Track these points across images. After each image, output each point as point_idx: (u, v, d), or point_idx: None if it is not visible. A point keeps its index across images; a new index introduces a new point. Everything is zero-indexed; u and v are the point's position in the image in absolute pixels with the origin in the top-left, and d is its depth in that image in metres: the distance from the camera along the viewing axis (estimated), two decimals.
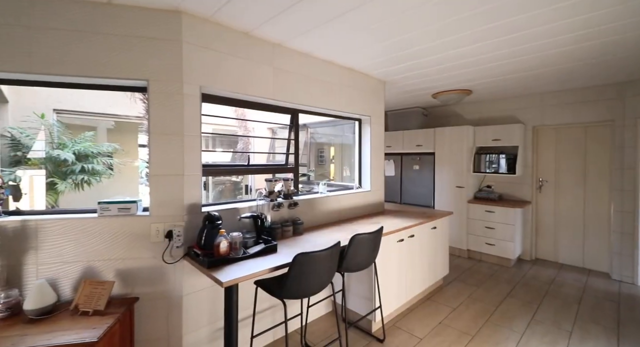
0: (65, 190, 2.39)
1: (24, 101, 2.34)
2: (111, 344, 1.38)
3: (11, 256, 1.53)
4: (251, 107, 2.32)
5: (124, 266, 1.67)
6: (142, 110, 2.84)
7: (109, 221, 1.65)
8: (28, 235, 1.55)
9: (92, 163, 2.60)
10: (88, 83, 1.73)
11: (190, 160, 1.80)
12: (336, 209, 2.73)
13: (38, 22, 1.54)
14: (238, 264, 1.60)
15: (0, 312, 1.38)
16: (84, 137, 2.74)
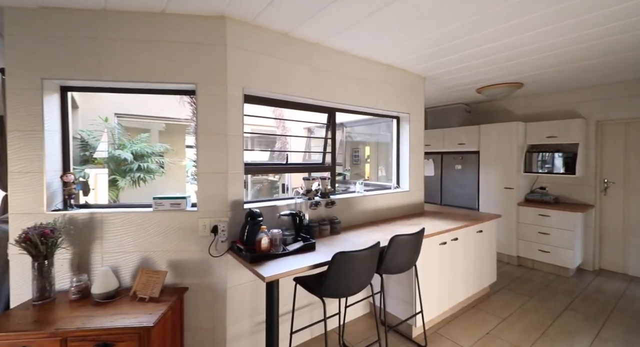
0: (124, 186, 2.65)
1: (91, 106, 2.64)
2: (164, 329, 1.48)
3: (81, 244, 1.71)
4: (289, 107, 2.36)
5: (175, 257, 1.79)
6: (189, 112, 3.04)
7: (162, 215, 1.78)
8: (95, 226, 1.72)
9: (147, 162, 2.84)
10: (145, 88, 1.89)
11: (234, 158, 1.87)
12: (373, 209, 2.67)
13: (104, 34, 1.71)
14: (278, 260, 1.63)
15: (73, 294, 1.55)
16: (140, 138, 3.00)
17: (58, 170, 1.79)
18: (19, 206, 1.68)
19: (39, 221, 1.62)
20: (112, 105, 3.10)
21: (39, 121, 1.69)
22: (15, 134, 1.68)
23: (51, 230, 1.54)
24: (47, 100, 1.72)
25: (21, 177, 1.68)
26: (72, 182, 1.78)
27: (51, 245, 1.54)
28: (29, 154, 1.69)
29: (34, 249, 1.49)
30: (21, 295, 1.65)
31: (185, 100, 3.09)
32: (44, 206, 1.69)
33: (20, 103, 1.67)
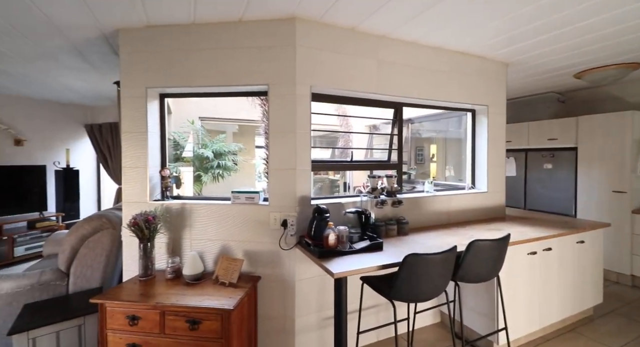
0: (207, 181, 2.99)
1: (180, 111, 3.05)
2: (241, 313, 1.59)
3: (175, 230, 1.96)
4: (354, 103, 2.33)
5: (249, 248, 1.92)
6: (260, 113, 3.25)
7: (239, 207, 1.93)
8: (185, 215, 1.95)
9: (224, 160, 3.15)
10: (225, 91, 2.07)
11: (301, 155, 1.92)
12: (445, 210, 2.47)
13: (192, 46, 1.93)
14: (345, 257, 1.61)
15: (168, 274, 1.78)
16: (218, 138, 3.34)
17: (157, 166, 2.08)
18: (129, 195, 2.01)
19: (144, 209, 1.91)
20: (197, 110, 3.52)
21: (144, 124, 1.99)
22: (127, 135, 2.01)
23: (153, 217, 1.79)
24: (149, 106, 2.01)
25: (131, 171, 2.00)
26: (168, 176, 2.05)
27: (153, 230, 1.79)
28: (136, 152, 2.00)
29: (140, 233, 1.76)
30: (130, 271, 1.97)
31: (256, 103, 3.32)
32: (147, 196, 1.99)
33: (130, 109, 1.99)
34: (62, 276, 2.04)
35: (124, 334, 1.53)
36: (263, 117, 3.32)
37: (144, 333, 1.51)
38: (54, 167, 4.45)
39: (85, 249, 2.10)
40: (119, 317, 1.54)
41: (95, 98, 4.25)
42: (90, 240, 2.12)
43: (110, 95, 4.07)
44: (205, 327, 1.46)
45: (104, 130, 4.62)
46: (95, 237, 2.13)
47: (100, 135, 4.65)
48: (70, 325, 1.72)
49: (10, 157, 4.00)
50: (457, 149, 4.56)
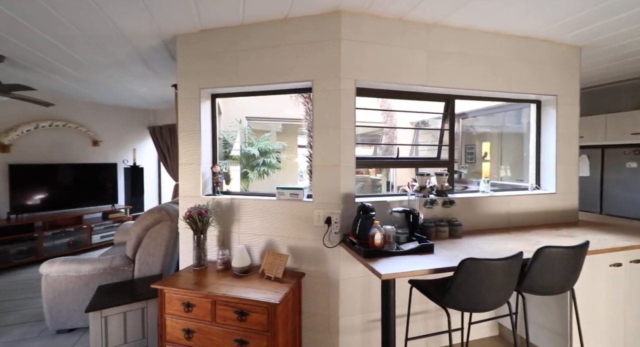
0: (253, 178, 3.11)
1: (229, 112, 3.23)
2: (286, 308, 1.61)
3: (224, 224, 2.05)
4: (401, 97, 2.22)
5: (293, 244, 1.93)
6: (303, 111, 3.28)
7: (284, 203, 1.95)
8: (234, 210, 2.04)
9: (269, 158, 3.25)
10: (271, 89, 2.11)
11: (346, 152, 1.88)
12: (504, 212, 2.23)
13: (240, 47, 2.00)
14: (392, 258, 1.53)
15: (219, 265, 1.87)
16: (264, 137, 3.46)
17: (209, 162, 2.20)
18: (185, 190, 2.15)
19: (197, 203, 2.03)
20: (244, 111, 3.70)
21: (197, 123, 2.11)
22: (183, 134, 2.15)
23: (205, 210, 1.90)
24: (202, 106, 2.14)
25: (186, 167, 2.15)
26: (218, 172, 2.16)
27: (205, 222, 1.90)
28: (191, 149, 2.14)
29: (194, 225, 1.88)
30: (185, 261, 2.11)
31: (299, 101, 3.36)
32: (200, 191, 2.11)
33: (186, 109, 2.14)
34: (128, 262, 2.27)
35: (180, 319, 1.64)
36: (306, 114, 3.36)
37: (198, 320, 1.60)
38: (123, 165, 5.01)
39: (148, 239, 2.31)
40: (175, 303, 1.65)
41: (156, 102, 4.68)
42: (152, 230, 2.32)
43: (169, 99, 4.45)
44: (252, 319, 1.50)
45: (164, 131, 5.06)
46: (156, 228, 2.33)
47: (161, 136, 5.11)
48: (135, 307, 1.90)
49: (89, 156, 4.60)
50: (515, 146, 4.13)
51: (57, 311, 2.10)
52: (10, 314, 2.43)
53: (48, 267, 2.09)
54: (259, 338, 1.50)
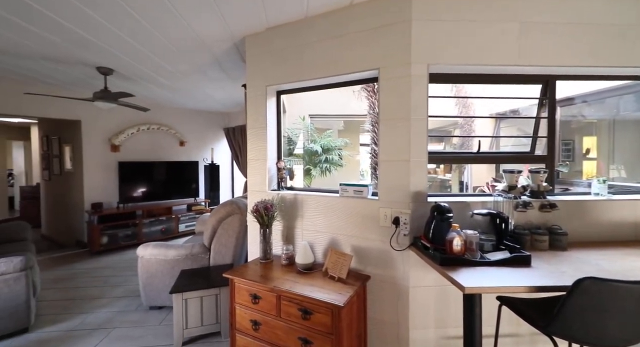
0: (316, 175, 3.12)
1: (293, 110, 3.31)
2: (351, 311, 1.52)
3: (288, 219, 2.07)
4: (485, 81, 1.91)
5: (357, 243, 1.83)
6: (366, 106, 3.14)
7: (347, 201, 1.86)
8: (297, 205, 2.03)
9: (331, 155, 3.21)
10: (334, 82, 2.03)
11: (416, 145, 1.69)
12: (629, 221, 1.74)
13: (304, 40, 1.97)
14: (475, 269, 1.30)
15: (283, 260, 1.89)
16: (326, 134, 3.44)
17: (274, 158, 2.25)
18: (253, 185, 2.24)
19: (263, 198, 2.08)
20: (307, 108, 3.74)
21: (264, 120, 2.17)
22: (251, 131, 2.24)
23: (271, 205, 1.93)
24: (269, 103, 2.18)
25: (254, 163, 2.23)
26: (282, 168, 2.19)
27: (270, 217, 1.93)
28: (258, 145, 2.21)
29: (260, 219, 1.93)
30: (253, 253, 2.20)
31: (362, 96, 3.22)
32: (266, 186, 2.17)
33: (253, 107, 2.22)
34: (205, 250, 2.47)
35: (247, 310, 1.69)
36: (370, 109, 3.21)
37: (264, 313, 1.63)
38: (203, 162, 5.60)
39: (221, 230, 2.48)
40: (244, 293, 1.71)
41: (230, 105, 5.09)
42: (224, 222, 2.49)
43: (240, 101, 4.79)
44: (316, 319, 1.45)
45: (236, 132, 5.49)
46: (228, 220, 2.50)
47: (234, 136, 5.55)
48: (210, 293, 2.05)
49: (176, 155, 5.26)
50: (635, 139, 3.28)
51: (150, 290, 2.42)
52: (117, 288, 2.91)
53: (143, 250, 2.41)
54: (323, 340, 1.44)
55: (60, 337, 2.10)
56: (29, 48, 2.34)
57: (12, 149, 7.06)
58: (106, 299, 2.66)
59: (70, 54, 2.49)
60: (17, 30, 2.06)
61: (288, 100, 3.30)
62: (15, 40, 2.19)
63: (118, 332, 2.16)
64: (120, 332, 2.17)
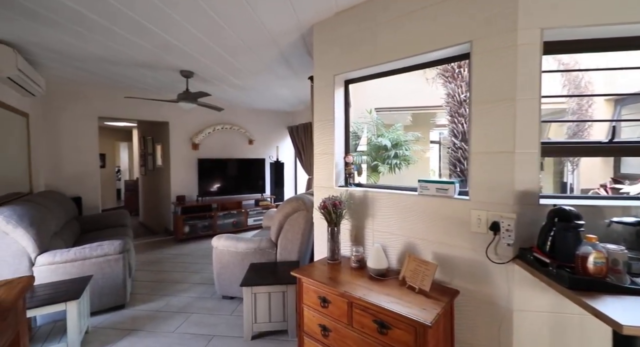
0: (384, 172, 2.89)
1: (357, 103, 3.12)
2: (437, 332, 1.27)
3: (357, 218, 1.90)
4: (620, 47, 1.42)
5: (440, 251, 1.55)
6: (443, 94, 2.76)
7: (427, 200, 1.60)
8: (367, 203, 1.84)
9: (401, 149, 2.93)
10: (411, 64, 1.78)
11: (524, 132, 1.34)
12: None
13: (376, 21, 1.76)
14: (626, 298, 0.94)
15: (353, 263, 1.72)
16: (395, 128, 3.16)
17: (342, 152, 2.10)
18: (319, 180, 2.13)
19: (330, 194, 1.95)
20: (371, 102, 3.51)
21: (331, 111, 2.04)
22: (318, 123, 2.13)
23: (339, 202, 1.79)
24: (336, 94, 2.04)
25: (321, 157, 2.12)
26: (351, 163, 2.03)
27: (339, 215, 1.79)
28: (325, 139, 2.09)
29: (328, 216, 1.80)
30: (319, 252, 2.10)
31: (437, 82, 2.85)
32: (333, 182, 2.03)
33: (320, 98, 2.10)
34: (272, 245, 2.47)
35: (316, 313, 1.58)
36: (448, 96, 2.80)
37: (333, 319, 1.49)
38: (269, 160, 5.82)
39: (287, 226, 2.45)
40: (312, 294, 1.60)
41: (294, 103, 5.16)
42: (290, 218, 2.45)
43: (304, 99, 4.81)
44: (395, 336, 1.25)
45: (300, 130, 5.55)
46: (293, 216, 2.45)
47: (297, 135, 5.63)
48: (277, 289, 2.02)
49: (245, 152, 5.57)
50: None
51: (222, 279, 2.52)
52: (195, 275, 3.15)
53: (216, 241, 2.53)
54: None
55: (149, 316, 2.32)
56: (125, 55, 2.64)
57: (119, 149, 8.46)
58: (186, 284, 2.89)
59: (159, 58, 2.75)
60: (114, 37, 2.32)
61: (353, 93, 3.13)
62: (115, 48, 2.50)
63: (195, 318, 2.30)
64: (197, 317, 2.30)
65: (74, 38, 2.30)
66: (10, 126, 2.88)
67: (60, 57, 2.74)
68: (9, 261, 1.99)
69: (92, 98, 4.01)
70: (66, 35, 2.24)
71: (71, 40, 2.33)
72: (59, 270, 2.12)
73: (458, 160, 2.69)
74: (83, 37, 2.29)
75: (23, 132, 3.08)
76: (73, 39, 2.33)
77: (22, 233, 2.01)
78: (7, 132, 2.82)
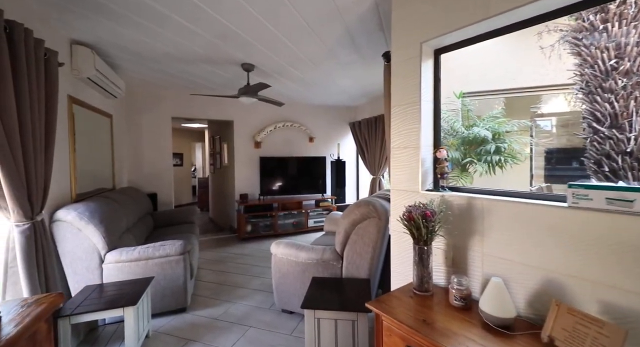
0: (482, 172, 2.24)
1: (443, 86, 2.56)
2: None
3: (457, 236, 1.38)
4: None
5: (617, 301, 0.95)
6: (571, 66, 2.00)
7: (588, 217, 1.01)
8: (474, 216, 1.32)
9: (504, 142, 2.24)
10: (534, 15, 1.19)
11: None
12: None
13: None
14: None
15: (455, 299, 1.22)
16: (492, 114, 2.46)
17: (429, 145, 1.60)
18: (398, 182, 1.67)
19: (415, 200, 1.48)
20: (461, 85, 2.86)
21: (416, 92, 1.55)
22: (396, 109, 1.67)
23: (431, 212, 1.31)
24: (424, 67, 1.55)
25: (399, 152, 1.65)
26: (444, 159, 1.52)
27: (431, 230, 1.31)
28: (406, 128, 1.61)
29: (416, 230, 1.33)
30: (399, 274, 1.64)
31: (560, 51, 2.09)
32: (419, 184, 1.55)
33: (400, 76, 1.63)
34: (337, 257, 2.09)
35: None
36: (581, 67, 2.01)
37: None
38: (330, 158, 5.50)
39: (355, 236, 2.04)
40: (396, 340, 1.17)
41: (357, 96, 4.73)
42: (359, 226, 2.04)
43: (368, 91, 4.34)
44: None
45: (362, 125, 5.09)
46: (363, 224, 2.03)
47: (360, 131, 5.18)
48: (345, 317, 1.63)
49: (306, 150, 5.35)
50: None
51: (281, 291, 2.25)
52: (255, 279, 2.98)
53: (275, 248, 2.26)
54: None
55: (208, 324, 2.18)
56: (185, 47, 2.56)
57: (195, 149, 9.21)
58: (246, 290, 2.73)
59: (218, 50, 2.61)
60: (174, 27, 2.22)
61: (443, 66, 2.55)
62: (176, 41, 2.42)
63: (253, 333, 2.06)
64: (254, 333, 2.07)
65: (142, 34, 2.28)
66: (98, 127, 3.11)
67: (133, 57, 2.82)
68: (82, 257, 2.03)
69: (166, 99, 4.23)
70: (134, 30, 2.23)
71: (140, 36, 2.33)
72: (125, 269, 2.10)
73: (606, 155, 1.87)
74: (149, 32, 2.25)
75: (107, 132, 3.32)
76: (142, 36, 2.31)
77: (93, 230, 2.03)
78: (96, 133, 3.05)
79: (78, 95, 2.51)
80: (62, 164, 2.23)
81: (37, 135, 1.57)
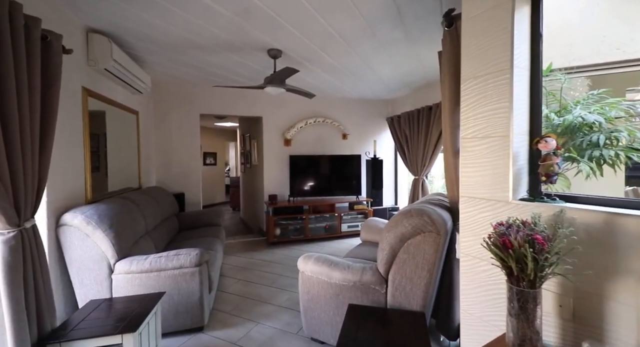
0: (589, 173, 1.64)
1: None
2: None
3: (581, 274, 0.87)
4: None
5: None
6: None
7: None
8: (619, 245, 0.80)
9: (620, 131, 1.62)
10: None
11: None
12: None
13: None
14: None
15: None
16: (592, 95, 1.82)
17: (524, 133, 1.10)
18: (469, 186, 1.19)
19: (504, 213, 1.00)
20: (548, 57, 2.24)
21: (505, 54, 1.06)
22: (467, 84, 1.19)
23: (544, 238, 0.82)
24: (517, 18, 1.05)
25: (472, 144, 1.17)
26: (551, 153, 1.01)
27: (542, 265, 0.82)
28: (486, 109, 1.13)
29: (513, 263, 0.85)
30: (475, 317, 1.15)
31: None
32: (509, 191, 1.06)
33: (475, 37, 1.15)
34: (381, 280, 1.65)
35: None
36: None
37: None
38: (365, 157, 5.01)
39: (405, 254, 1.58)
40: None
41: (395, 88, 4.22)
42: (409, 243, 1.57)
43: (409, 81, 3.81)
44: None
45: (402, 120, 4.55)
46: (415, 240, 1.56)
47: (399, 126, 4.64)
48: None
49: (339, 148, 4.92)
50: None
51: (311, 316, 1.86)
52: (282, 293, 2.62)
53: (303, 265, 1.88)
54: None
55: None
56: (206, 31, 2.27)
57: (228, 148, 9.24)
58: (272, 307, 2.38)
59: (241, 31, 2.29)
60: (193, 8, 1.94)
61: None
62: (195, 22, 2.14)
63: None
64: None
65: (159, 16, 2.04)
66: (124, 124, 2.98)
67: (152, 46, 2.60)
68: (90, 267, 1.82)
69: (193, 95, 4.07)
70: (150, 13, 1.99)
71: (156, 19, 2.08)
72: (135, 281, 1.86)
73: None
74: (166, 14, 2.00)
75: (134, 129, 3.20)
76: (159, 19, 2.07)
77: (102, 235, 1.81)
78: (122, 130, 2.92)
79: (97, 88, 2.35)
80: (76, 163, 2.06)
81: (26, 129, 1.35)
